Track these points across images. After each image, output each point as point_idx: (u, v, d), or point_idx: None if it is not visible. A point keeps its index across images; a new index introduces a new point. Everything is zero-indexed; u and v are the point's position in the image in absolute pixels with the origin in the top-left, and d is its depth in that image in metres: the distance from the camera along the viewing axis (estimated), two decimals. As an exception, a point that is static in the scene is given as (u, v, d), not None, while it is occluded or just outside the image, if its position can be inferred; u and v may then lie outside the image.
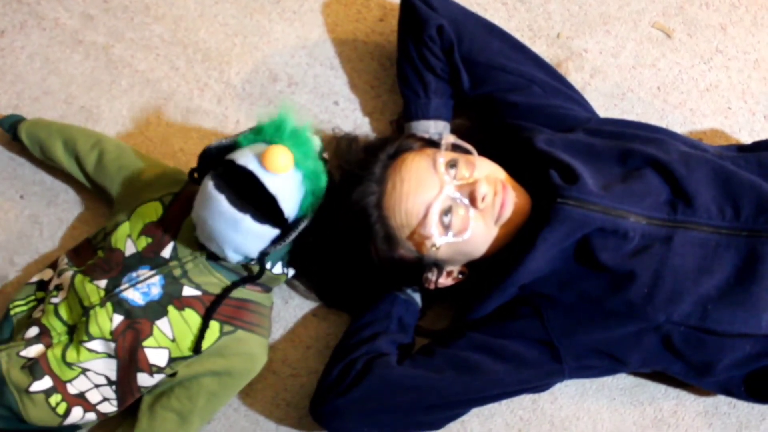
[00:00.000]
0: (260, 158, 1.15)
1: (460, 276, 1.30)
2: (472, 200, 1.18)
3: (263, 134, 1.20)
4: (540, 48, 1.51)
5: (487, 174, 1.21)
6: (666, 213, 1.20)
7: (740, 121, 1.50)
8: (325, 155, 1.26)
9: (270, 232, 1.20)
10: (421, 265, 1.25)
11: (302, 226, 1.22)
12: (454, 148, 1.24)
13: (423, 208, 1.18)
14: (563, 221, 1.16)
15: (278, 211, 1.18)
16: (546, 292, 1.23)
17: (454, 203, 1.18)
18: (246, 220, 1.17)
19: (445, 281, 1.29)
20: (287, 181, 1.17)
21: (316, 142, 1.24)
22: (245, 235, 1.19)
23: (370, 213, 1.20)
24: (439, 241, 1.19)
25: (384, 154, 1.24)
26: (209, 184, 1.16)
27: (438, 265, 1.25)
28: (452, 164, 1.20)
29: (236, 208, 1.16)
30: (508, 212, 1.19)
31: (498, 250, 1.24)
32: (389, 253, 1.23)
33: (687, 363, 1.25)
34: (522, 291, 1.24)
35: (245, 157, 1.16)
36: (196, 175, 1.26)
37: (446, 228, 1.18)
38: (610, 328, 1.22)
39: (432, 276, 1.27)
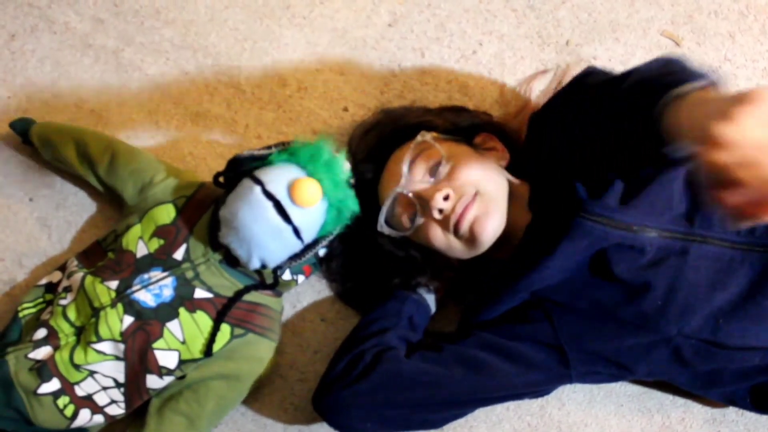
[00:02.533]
0: (289, 188, 1.18)
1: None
2: (425, 211, 1.22)
3: (297, 157, 1.23)
4: (549, 55, 1.52)
5: (462, 183, 1.22)
6: (683, 226, 1.19)
7: (748, 129, 1.50)
8: (352, 181, 1.29)
9: (296, 246, 1.25)
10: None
11: (319, 247, 1.28)
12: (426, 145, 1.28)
13: (384, 196, 1.28)
14: (584, 236, 1.16)
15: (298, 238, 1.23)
16: (558, 299, 1.23)
17: (413, 204, 1.25)
18: (288, 231, 1.20)
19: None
20: (312, 214, 1.22)
21: (346, 168, 1.27)
22: (281, 245, 1.23)
23: (366, 188, 1.31)
24: (381, 228, 1.29)
25: (384, 140, 1.35)
26: (257, 189, 1.19)
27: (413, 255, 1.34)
28: (439, 162, 1.25)
29: (281, 216, 1.19)
30: (463, 229, 1.21)
31: (483, 256, 1.27)
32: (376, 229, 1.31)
33: (695, 374, 1.25)
34: (533, 296, 1.24)
35: (275, 184, 1.19)
36: (221, 179, 1.28)
37: (391, 221, 1.28)
38: (620, 338, 1.22)
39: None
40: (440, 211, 1.21)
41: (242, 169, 1.25)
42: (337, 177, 1.24)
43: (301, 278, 1.36)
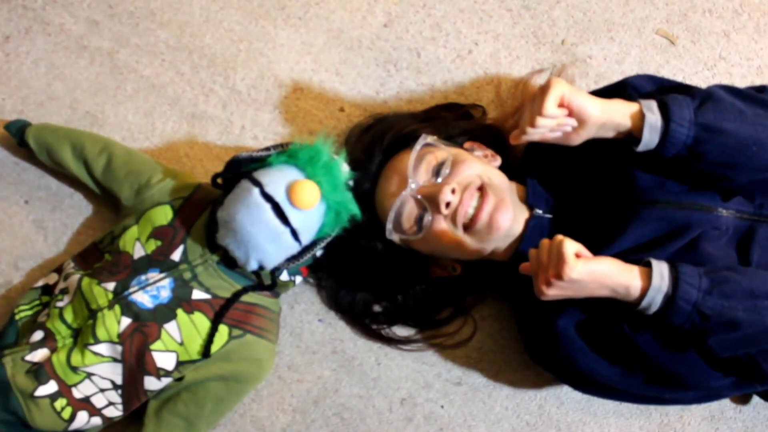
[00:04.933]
0: (288, 190, 1.18)
1: (453, 270, 1.36)
2: (435, 207, 1.22)
3: (296, 159, 1.23)
4: (545, 54, 1.52)
5: (466, 177, 1.23)
6: (752, 207, 1.22)
7: (744, 127, 1.51)
8: (351, 183, 1.29)
9: (293, 249, 1.24)
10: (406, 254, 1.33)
11: (317, 249, 1.28)
12: (431, 145, 1.29)
13: (389, 204, 1.26)
14: (652, 220, 1.19)
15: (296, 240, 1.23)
16: None
17: (420, 205, 1.24)
18: (286, 234, 1.20)
19: (440, 270, 1.37)
20: (311, 216, 1.22)
21: (345, 171, 1.27)
22: (279, 247, 1.22)
23: (362, 199, 1.29)
24: (391, 236, 1.27)
25: (380, 149, 1.33)
26: (255, 191, 1.18)
27: (423, 256, 1.33)
28: (442, 163, 1.25)
29: (280, 219, 1.19)
30: (481, 223, 1.22)
31: (493, 254, 1.28)
32: (374, 236, 1.31)
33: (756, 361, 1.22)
34: None
35: (273, 186, 1.19)
36: (219, 180, 1.28)
37: (398, 226, 1.26)
38: None
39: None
40: (447, 205, 1.21)
41: (240, 171, 1.25)
42: (336, 179, 1.24)
43: (298, 279, 1.36)
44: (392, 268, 1.35)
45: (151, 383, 1.27)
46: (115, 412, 1.29)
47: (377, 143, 1.34)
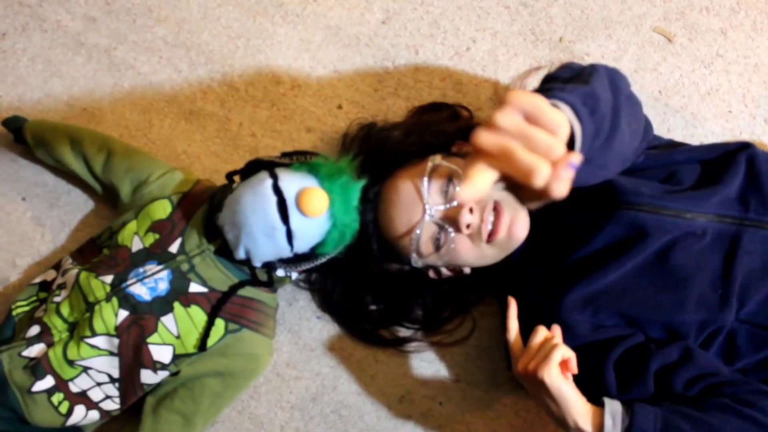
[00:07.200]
0: (299, 192, 1.18)
1: (461, 271, 1.34)
2: (456, 228, 1.20)
3: (317, 172, 1.23)
4: (542, 52, 1.52)
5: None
6: (737, 211, 1.21)
7: (741, 124, 1.51)
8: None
9: (285, 251, 1.23)
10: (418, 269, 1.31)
11: (316, 263, 1.28)
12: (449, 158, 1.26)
13: (406, 232, 1.23)
14: (624, 224, 1.19)
15: (289, 242, 1.22)
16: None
17: (438, 227, 1.21)
18: (281, 232, 1.20)
19: (447, 272, 1.34)
20: (312, 225, 1.21)
21: (358, 192, 1.25)
22: (270, 243, 1.22)
23: (367, 227, 1.26)
24: (416, 263, 1.26)
25: (376, 174, 1.28)
26: (268, 182, 1.19)
27: (435, 268, 1.32)
28: (449, 180, 1.21)
29: (280, 215, 1.18)
30: (501, 237, 1.20)
31: (507, 257, 1.27)
32: (386, 260, 1.29)
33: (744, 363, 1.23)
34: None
35: (288, 184, 1.19)
36: (236, 178, 1.30)
37: (419, 251, 1.23)
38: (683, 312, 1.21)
39: (432, 274, 1.34)
40: (468, 226, 1.19)
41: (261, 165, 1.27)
42: (350, 201, 1.23)
43: (294, 274, 1.36)
44: (403, 283, 1.36)
45: (147, 376, 1.27)
46: (112, 405, 1.29)
47: (372, 167, 1.31)
